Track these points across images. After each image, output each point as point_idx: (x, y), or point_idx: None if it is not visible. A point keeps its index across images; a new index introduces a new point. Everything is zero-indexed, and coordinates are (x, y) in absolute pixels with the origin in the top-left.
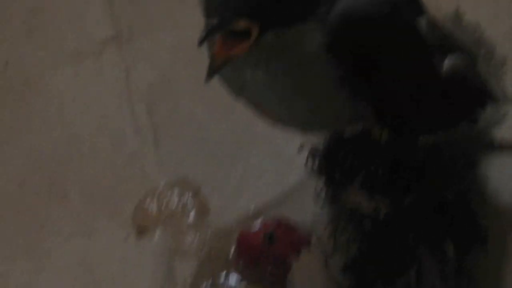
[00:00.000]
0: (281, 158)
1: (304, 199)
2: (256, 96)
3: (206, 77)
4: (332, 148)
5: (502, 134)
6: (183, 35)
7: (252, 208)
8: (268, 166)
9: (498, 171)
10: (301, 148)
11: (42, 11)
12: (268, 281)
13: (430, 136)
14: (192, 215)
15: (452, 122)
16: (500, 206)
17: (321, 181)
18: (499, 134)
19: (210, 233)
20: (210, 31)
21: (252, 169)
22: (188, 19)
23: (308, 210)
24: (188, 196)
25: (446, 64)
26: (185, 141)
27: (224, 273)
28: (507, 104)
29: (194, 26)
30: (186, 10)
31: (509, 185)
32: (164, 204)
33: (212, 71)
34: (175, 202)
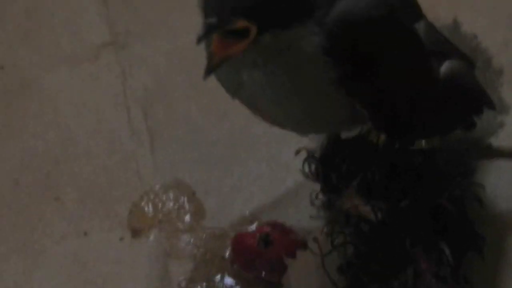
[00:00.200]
0: (276, 162)
1: (299, 203)
2: (252, 96)
3: (204, 74)
4: (328, 152)
5: (499, 142)
6: (179, 41)
7: (247, 211)
8: (263, 170)
9: (494, 178)
10: (297, 152)
11: (37, 15)
12: (263, 283)
13: (426, 140)
14: (187, 218)
15: (448, 127)
16: (496, 213)
17: (317, 185)
18: (496, 142)
19: (205, 235)
20: (208, 30)
21: (247, 173)
22: (183, 25)
23: (303, 214)
24: (183, 199)
25: (444, 68)
26: (180, 144)
27: (219, 275)
28: (504, 113)
29: (189, 32)
30: (181, 16)
31: (505, 192)
32: (159, 206)
33: (209, 69)
34: (170, 205)
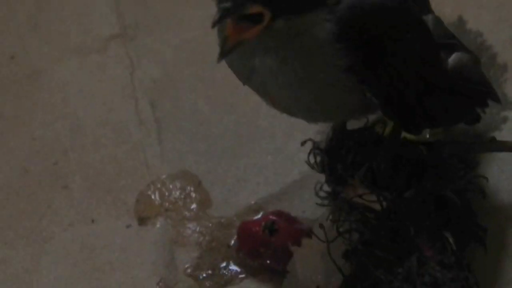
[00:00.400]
0: (282, 154)
1: (304, 194)
2: (264, 82)
3: (218, 58)
4: (334, 143)
5: (502, 136)
6: (187, 34)
7: (252, 202)
8: (269, 162)
9: (497, 171)
10: (303, 143)
11: (47, 6)
12: (269, 271)
13: (431, 132)
14: (193, 207)
15: (454, 119)
16: (498, 205)
17: (322, 176)
18: (499, 136)
19: (211, 224)
20: (223, 14)
21: (253, 164)
22: (192, 18)
23: (308, 205)
24: (189, 188)
25: (452, 60)
26: (187, 135)
27: (224, 263)
28: (507, 108)
29: (197, 25)
30: (190, 9)
31: (507, 184)
32: (166, 195)
33: (224, 53)
34: (177, 194)
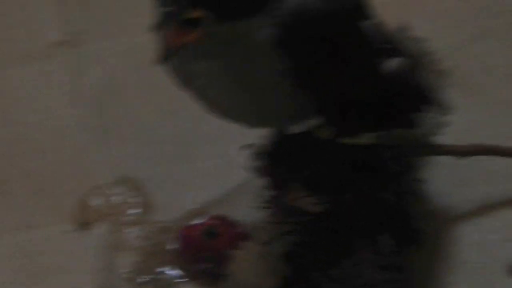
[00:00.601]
0: (224, 158)
1: (246, 198)
2: (203, 88)
3: (157, 63)
4: (274, 148)
5: (441, 140)
6: (133, 41)
7: (194, 206)
8: (211, 166)
9: (435, 174)
10: (243, 148)
11: None
12: (209, 275)
13: (370, 136)
14: (135, 212)
15: (392, 123)
16: (435, 208)
17: (263, 180)
18: (438, 140)
19: (152, 228)
20: (164, 18)
21: (195, 168)
22: (137, 26)
23: (249, 209)
24: (131, 194)
25: (391, 65)
26: (131, 141)
27: (166, 268)
28: (448, 113)
29: (142, 32)
30: (135, 15)
31: (444, 188)
32: (107, 200)
33: (163, 58)
34: (119, 199)
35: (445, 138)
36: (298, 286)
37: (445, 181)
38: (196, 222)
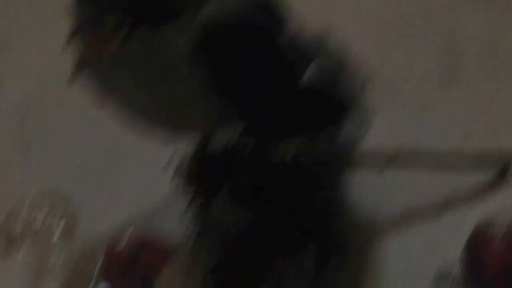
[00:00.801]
0: (151, 171)
1: (172, 213)
2: (123, 98)
3: (72, 75)
4: (197, 163)
5: (365, 151)
6: (58, 49)
7: (121, 221)
8: (138, 179)
9: (358, 188)
10: (169, 161)
11: None
12: None
13: (291, 148)
14: (59, 231)
15: (311, 130)
16: (359, 221)
17: (187, 194)
18: (362, 151)
19: (76, 250)
20: (78, 29)
21: (122, 182)
22: (61, 35)
23: (175, 224)
24: (56, 209)
25: (308, 73)
26: (56, 153)
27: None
28: (370, 120)
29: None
30: (61, 23)
31: (368, 201)
32: (31, 218)
33: (78, 70)
34: (43, 216)
35: (365, 142)
36: None
37: (368, 194)
38: (120, 243)
